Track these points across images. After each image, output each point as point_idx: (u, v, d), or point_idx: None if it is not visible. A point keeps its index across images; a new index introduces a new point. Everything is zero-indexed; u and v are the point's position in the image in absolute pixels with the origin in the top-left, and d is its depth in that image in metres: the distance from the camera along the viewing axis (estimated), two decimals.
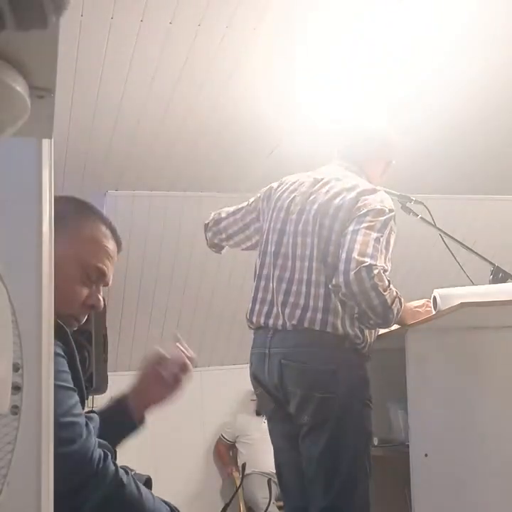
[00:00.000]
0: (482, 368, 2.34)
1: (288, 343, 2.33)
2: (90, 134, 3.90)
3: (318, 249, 2.33)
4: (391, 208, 2.34)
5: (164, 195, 4.87)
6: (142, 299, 5.44)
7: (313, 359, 2.29)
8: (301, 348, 2.31)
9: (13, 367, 0.88)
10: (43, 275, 0.99)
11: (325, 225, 2.34)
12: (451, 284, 2.40)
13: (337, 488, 2.27)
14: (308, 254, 2.35)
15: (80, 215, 1.50)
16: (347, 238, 2.26)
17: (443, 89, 3.77)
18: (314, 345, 2.30)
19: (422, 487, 2.25)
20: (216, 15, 2.94)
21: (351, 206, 2.31)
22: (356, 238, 2.24)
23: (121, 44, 3.10)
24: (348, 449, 2.28)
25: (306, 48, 3.24)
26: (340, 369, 2.27)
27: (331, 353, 2.29)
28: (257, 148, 4.25)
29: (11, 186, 1.00)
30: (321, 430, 2.29)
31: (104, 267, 1.47)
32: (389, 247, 2.31)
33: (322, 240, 2.33)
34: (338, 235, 2.31)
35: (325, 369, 2.27)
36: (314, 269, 2.33)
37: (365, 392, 2.32)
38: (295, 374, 2.31)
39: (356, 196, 2.33)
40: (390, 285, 2.23)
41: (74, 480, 1.30)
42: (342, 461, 2.28)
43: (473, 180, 5.07)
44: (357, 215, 2.29)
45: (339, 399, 2.26)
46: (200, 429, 5.92)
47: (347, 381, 2.27)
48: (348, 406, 2.27)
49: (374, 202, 2.31)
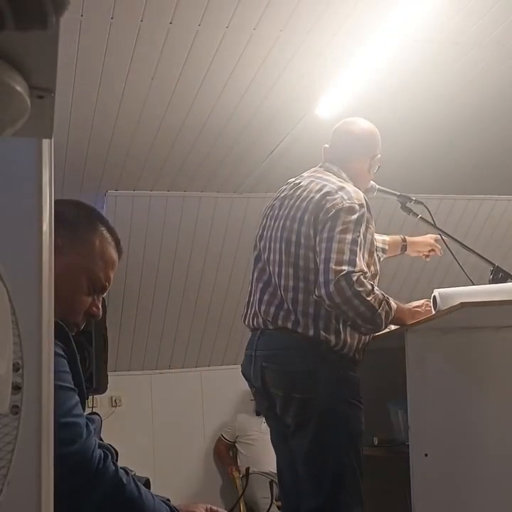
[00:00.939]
0: (482, 367, 2.34)
1: (269, 346, 2.38)
2: (90, 134, 3.90)
3: (286, 254, 2.37)
4: (361, 203, 2.31)
5: (164, 195, 4.87)
6: (142, 299, 5.44)
7: (293, 361, 2.32)
8: (281, 350, 2.35)
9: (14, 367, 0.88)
10: (43, 275, 0.99)
11: (293, 230, 2.36)
12: (451, 284, 2.40)
13: (324, 488, 2.27)
14: (278, 260, 2.40)
15: (90, 226, 1.51)
16: (322, 247, 2.25)
17: (443, 89, 3.77)
18: (293, 347, 2.33)
19: (422, 487, 2.25)
20: (216, 15, 2.94)
21: (318, 208, 2.31)
22: (332, 246, 2.23)
23: (121, 44, 3.10)
24: (332, 449, 2.28)
25: (307, 47, 3.24)
26: (319, 370, 2.29)
27: (309, 354, 2.31)
28: (257, 148, 4.25)
29: (11, 186, 1.00)
30: (304, 431, 2.31)
31: (110, 280, 1.52)
32: (368, 244, 2.31)
33: (291, 245, 2.36)
34: (307, 237, 2.32)
35: (304, 370, 2.30)
36: (283, 274, 2.37)
37: (348, 392, 2.31)
38: (276, 376, 2.35)
39: (322, 197, 2.33)
40: (373, 289, 2.24)
41: (74, 480, 1.30)
42: (327, 461, 2.29)
43: (473, 181, 5.07)
44: (328, 218, 2.28)
45: (319, 399, 2.27)
46: (200, 429, 5.92)
47: (326, 382, 2.28)
48: (329, 406, 2.28)
49: (341, 200, 2.29)
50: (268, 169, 4.41)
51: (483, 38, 3.29)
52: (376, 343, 2.59)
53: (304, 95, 3.66)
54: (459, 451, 2.28)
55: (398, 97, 3.78)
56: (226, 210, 5.05)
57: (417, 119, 4.05)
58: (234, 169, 4.55)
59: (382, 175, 2.70)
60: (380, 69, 3.45)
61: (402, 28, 3.11)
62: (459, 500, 2.28)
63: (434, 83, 3.68)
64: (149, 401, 5.83)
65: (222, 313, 5.58)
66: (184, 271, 5.34)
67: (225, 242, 5.21)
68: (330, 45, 3.22)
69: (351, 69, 3.42)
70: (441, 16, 3.08)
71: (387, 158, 4.48)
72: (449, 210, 5.32)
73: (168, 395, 5.86)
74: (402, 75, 3.56)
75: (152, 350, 5.76)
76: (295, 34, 3.13)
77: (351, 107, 3.76)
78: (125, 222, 4.88)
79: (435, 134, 4.29)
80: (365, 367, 2.61)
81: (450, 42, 3.30)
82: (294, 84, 3.56)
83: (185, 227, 5.08)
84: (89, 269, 1.47)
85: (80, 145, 4.01)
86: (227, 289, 5.39)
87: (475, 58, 3.47)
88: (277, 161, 4.32)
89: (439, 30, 3.19)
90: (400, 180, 4.09)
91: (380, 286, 2.38)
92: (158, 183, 4.69)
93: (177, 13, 2.91)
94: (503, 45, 3.36)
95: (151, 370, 5.86)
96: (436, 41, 3.28)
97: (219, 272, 5.37)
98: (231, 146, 4.21)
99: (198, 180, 4.69)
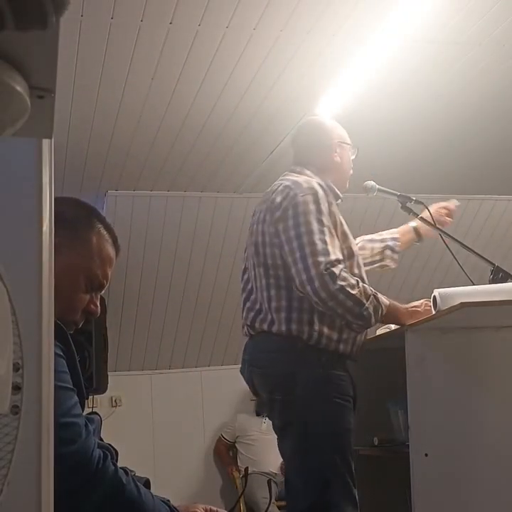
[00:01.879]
0: (482, 367, 2.34)
1: (253, 351, 2.43)
2: (90, 134, 3.90)
3: (256, 255, 2.42)
4: (314, 192, 2.33)
5: (164, 195, 4.87)
6: (142, 299, 5.44)
7: (273, 364, 2.34)
8: (262, 354, 2.39)
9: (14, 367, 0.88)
10: (43, 275, 0.99)
11: (259, 231, 2.42)
12: (451, 284, 2.40)
13: (311, 489, 2.27)
14: (252, 264, 2.46)
15: (87, 224, 1.51)
16: (294, 246, 2.27)
17: (443, 89, 3.77)
18: (273, 350, 2.35)
19: (422, 487, 2.25)
20: (216, 15, 2.94)
21: (275, 207, 2.35)
22: (302, 243, 2.25)
23: (121, 44, 3.10)
24: (315, 449, 2.27)
25: (307, 47, 3.24)
26: (299, 370, 2.29)
27: (288, 356, 2.31)
28: (257, 148, 4.25)
29: (11, 186, 1.00)
30: (288, 432, 2.33)
31: (107, 278, 1.52)
32: (339, 226, 2.34)
33: (259, 246, 2.41)
34: (270, 235, 2.37)
35: (283, 372, 2.31)
36: (257, 275, 2.42)
37: (329, 391, 2.29)
38: (259, 379, 2.39)
39: (277, 197, 2.37)
40: (358, 283, 2.25)
41: (74, 480, 1.30)
42: (311, 462, 2.28)
43: (473, 181, 5.08)
44: (288, 216, 2.31)
45: (299, 400, 2.28)
46: (200, 429, 5.92)
47: (306, 382, 2.28)
48: (310, 406, 2.28)
49: (295, 196, 2.33)
50: (268, 169, 4.41)
51: (483, 38, 3.29)
52: (376, 343, 2.59)
53: (304, 95, 3.66)
54: (459, 451, 2.28)
55: (398, 97, 3.78)
56: (226, 210, 5.06)
57: (417, 119, 4.05)
58: (234, 169, 4.56)
59: (382, 175, 2.70)
60: (380, 69, 3.45)
61: (402, 28, 3.11)
62: (459, 500, 2.28)
63: (434, 83, 3.69)
64: (149, 401, 5.83)
65: (222, 313, 5.58)
66: (184, 271, 5.34)
67: (225, 242, 5.21)
68: (330, 45, 3.23)
69: (351, 69, 3.42)
70: (441, 15, 3.08)
71: (387, 158, 4.50)
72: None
73: (168, 395, 5.86)
74: (402, 75, 3.56)
75: (152, 350, 5.76)
76: (295, 34, 3.13)
77: (351, 107, 3.76)
78: (125, 222, 4.88)
79: (435, 134, 4.29)
80: (365, 367, 2.61)
81: (450, 42, 3.30)
82: (294, 84, 3.56)
83: (185, 227, 5.08)
84: (87, 266, 1.48)
85: (80, 145, 4.01)
86: (227, 289, 5.39)
87: (475, 58, 3.47)
88: (277, 161, 4.32)
89: (439, 30, 3.19)
90: (400, 180, 4.09)
91: (380, 286, 2.38)
92: (158, 183, 4.69)
93: (177, 13, 2.91)
94: (503, 45, 3.36)
95: (151, 370, 5.86)
96: (436, 41, 3.28)
97: (219, 272, 5.37)
98: (231, 146, 4.21)
99: (198, 180, 4.69)
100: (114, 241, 1.55)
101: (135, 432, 5.62)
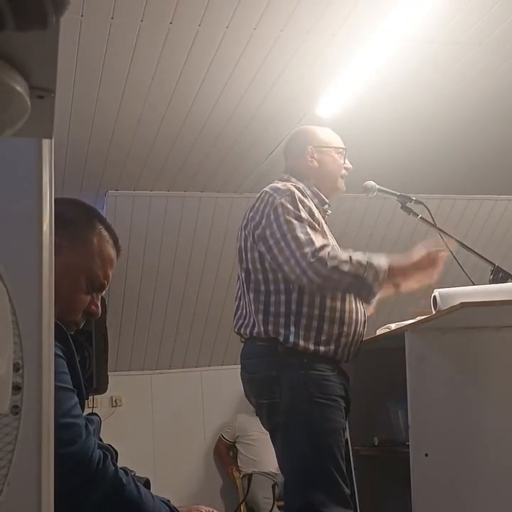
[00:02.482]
0: (482, 367, 2.34)
1: (242, 356, 2.50)
2: (90, 134, 3.90)
3: (239, 262, 2.52)
4: (289, 193, 2.40)
5: (164, 195, 4.87)
6: (142, 299, 5.44)
7: (258, 368, 2.40)
8: (248, 360, 2.46)
9: (14, 367, 0.88)
10: (43, 275, 0.99)
11: (242, 237, 2.50)
12: (451, 284, 2.40)
13: (299, 489, 2.29)
14: (239, 271, 2.53)
15: (88, 224, 1.52)
16: (282, 245, 2.33)
17: (443, 89, 3.77)
18: (257, 355, 2.41)
19: (422, 487, 2.25)
20: (216, 15, 2.94)
21: (255, 213, 2.44)
22: (288, 241, 2.31)
23: (121, 44, 3.10)
24: (300, 450, 2.30)
25: (307, 47, 3.24)
26: (281, 373, 2.33)
27: (271, 359, 2.37)
28: (257, 149, 4.25)
29: (11, 186, 1.00)
30: (276, 434, 2.38)
31: (108, 278, 1.53)
32: (314, 222, 2.39)
33: (242, 252, 2.49)
34: (247, 238, 2.46)
35: (267, 376, 2.36)
36: (241, 282, 2.50)
37: (312, 391, 2.31)
38: (248, 384, 2.46)
39: (257, 203, 2.46)
40: (351, 258, 2.28)
41: (74, 480, 1.30)
42: (297, 462, 2.31)
43: (473, 181, 5.07)
44: (272, 221, 2.37)
45: (284, 403, 2.32)
46: (200, 429, 5.92)
47: (288, 384, 2.32)
48: (293, 408, 2.31)
49: (273, 200, 2.40)
50: (268, 169, 4.41)
51: (483, 38, 3.29)
52: (376, 343, 2.59)
53: (304, 95, 3.66)
54: (459, 451, 2.28)
55: (398, 97, 3.78)
56: (226, 210, 5.06)
57: (417, 119, 4.05)
58: (234, 169, 4.55)
59: (382, 175, 2.70)
60: (380, 69, 3.45)
61: (402, 28, 3.11)
62: (459, 500, 2.28)
63: (434, 83, 3.68)
64: (149, 401, 5.83)
65: (222, 313, 5.57)
66: (184, 271, 5.34)
67: (225, 242, 5.21)
68: (330, 45, 3.23)
69: (351, 69, 3.42)
70: (441, 16, 3.08)
71: (387, 158, 4.50)
72: (449, 210, 5.32)
73: (169, 395, 5.86)
74: (402, 75, 3.56)
75: (152, 351, 5.76)
76: (295, 34, 3.13)
77: (351, 107, 3.76)
78: (125, 222, 4.88)
79: (435, 134, 4.29)
80: (365, 367, 2.61)
81: (450, 42, 3.30)
82: (294, 84, 3.56)
83: (186, 227, 5.08)
84: (88, 267, 1.48)
85: (80, 145, 4.01)
86: (228, 289, 5.38)
87: (475, 58, 3.47)
88: (277, 161, 4.31)
89: (439, 30, 3.19)
90: (400, 180, 4.09)
91: None
92: (158, 183, 4.69)
93: (177, 13, 2.91)
94: (503, 45, 3.36)
95: (152, 370, 5.86)
96: (436, 41, 3.28)
97: (219, 272, 5.37)
98: (231, 146, 4.21)
99: (198, 180, 4.69)
100: (114, 242, 1.56)
101: (135, 432, 5.62)
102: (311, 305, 2.36)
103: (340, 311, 2.38)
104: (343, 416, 2.35)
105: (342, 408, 2.35)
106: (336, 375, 2.36)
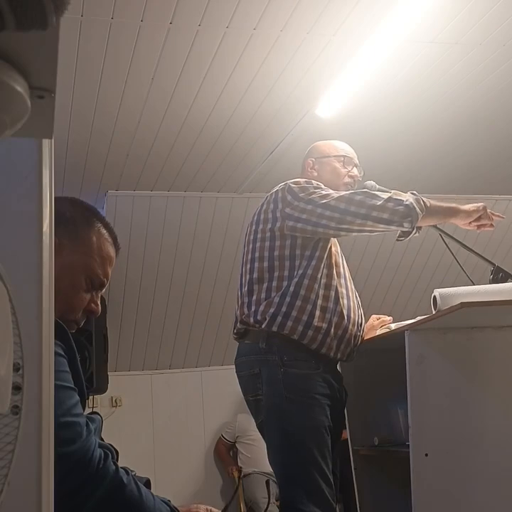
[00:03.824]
0: (482, 367, 2.34)
1: (235, 357, 2.54)
2: (90, 134, 3.90)
3: (244, 258, 2.57)
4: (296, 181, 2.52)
5: (164, 195, 4.88)
6: (142, 299, 5.44)
7: (244, 367, 2.46)
8: (238, 359, 2.51)
9: (14, 367, 0.88)
10: (43, 275, 0.99)
11: (252, 231, 2.54)
12: (451, 284, 2.40)
13: (282, 486, 2.33)
14: (241, 270, 2.62)
15: (87, 223, 1.52)
16: (308, 208, 2.40)
17: (444, 89, 3.77)
18: (245, 354, 2.46)
19: (422, 487, 2.25)
20: (216, 15, 2.94)
21: (270, 201, 2.50)
22: (310, 200, 2.40)
23: (121, 44, 3.10)
24: (279, 447, 2.34)
25: (307, 47, 3.24)
26: (262, 370, 2.38)
27: (254, 357, 2.41)
28: (257, 149, 4.25)
29: (11, 186, 1.00)
30: (261, 431, 2.44)
31: (108, 277, 1.53)
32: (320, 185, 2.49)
33: (249, 244, 2.54)
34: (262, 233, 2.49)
35: (252, 373, 2.42)
36: (242, 276, 2.59)
37: (291, 389, 2.32)
38: (239, 383, 2.53)
39: (270, 195, 2.53)
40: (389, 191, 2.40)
41: (74, 480, 1.30)
42: (276, 460, 2.37)
43: (474, 181, 5.08)
44: (293, 199, 2.44)
45: (264, 399, 2.37)
46: (200, 429, 5.93)
47: (267, 381, 2.36)
48: (270, 405, 2.35)
49: (286, 184, 2.50)
50: (268, 169, 4.41)
51: (483, 38, 3.29)
52: (376, 343, 2.59)
53: (304, 95, 3.66)
54: (459, 451, 2.28)
55: (398, 97, 3.78)
56: (226, 210, 5.06)
57: (417, 119, 4.05)
58: (234, 169, 4.56)
59: (383, 175, 2.70)
60: (380, 69, 3.45)
61: (402, 28, 3.11)
62: (458, 500, 2.28)
63: (434, 83, 3.69)
64: (149, 401, 5.83)
65: (223, 313, 5.58)
66: (184, 271, 5.34)
67: (225, 242, 5.21)
68: (330, 45, 3.23)
69: (351, 69, 3.41)
70: (441, 16, 3.08)
71: (387, 158, 4.50)
72: None
73: (169, 395, 5.86)
74: (402, 75, 3.56)
75: (152, 351, 5.76)
76: (295, 34, 3.13)
77: (351, 106, 3.76)
78: (125, 222, 4.88)
79: (435, 134, 4.30)
80: (366, 367, 2.61)
81: (450, 42, 3.30)
82: (294, 84, 3.56)
83: (186, 227, 5.08)
84: (87, 266, 1.48)
85: (80, 145, 4.01)
86: (228, 289, 5.39)
87: (475, 58, 3.47)
88: (277, 161, 4.32)
89: (439, 30, 3.19)
90: (400, 180, 4.09)
91: (380, 285, 2.38)
92: (158, 183, 4.69)
93: (177, 13, 2.91)
94: (503, 45, 3.36)
95: (152, 370, 5.86)
96: (436, 41, 3.28)
97: (219, 272, 5.37)
98: (231, 146, 4.21)
99: (198, 180, 4.69)
100: (114, 240, 1.56)
101: (135, 432, 5.62)
102: (305, 299, 2.38)
103: (332, 301, 2.41)
104: (325, 414, 2.34)
105: (324, 406, 2.34)
106: (319, 373, 2.36)
